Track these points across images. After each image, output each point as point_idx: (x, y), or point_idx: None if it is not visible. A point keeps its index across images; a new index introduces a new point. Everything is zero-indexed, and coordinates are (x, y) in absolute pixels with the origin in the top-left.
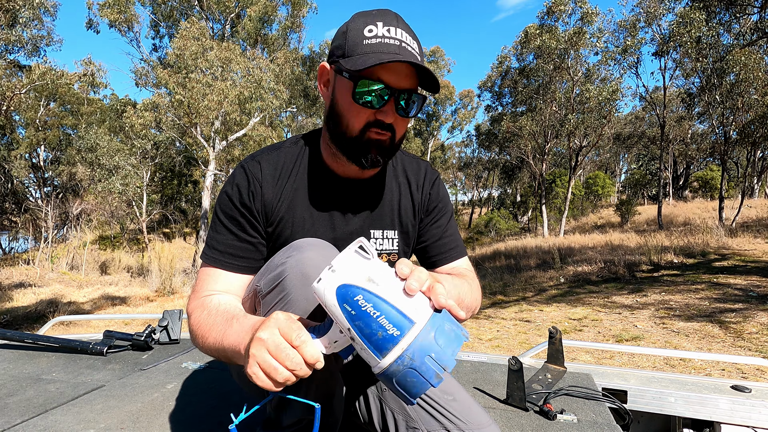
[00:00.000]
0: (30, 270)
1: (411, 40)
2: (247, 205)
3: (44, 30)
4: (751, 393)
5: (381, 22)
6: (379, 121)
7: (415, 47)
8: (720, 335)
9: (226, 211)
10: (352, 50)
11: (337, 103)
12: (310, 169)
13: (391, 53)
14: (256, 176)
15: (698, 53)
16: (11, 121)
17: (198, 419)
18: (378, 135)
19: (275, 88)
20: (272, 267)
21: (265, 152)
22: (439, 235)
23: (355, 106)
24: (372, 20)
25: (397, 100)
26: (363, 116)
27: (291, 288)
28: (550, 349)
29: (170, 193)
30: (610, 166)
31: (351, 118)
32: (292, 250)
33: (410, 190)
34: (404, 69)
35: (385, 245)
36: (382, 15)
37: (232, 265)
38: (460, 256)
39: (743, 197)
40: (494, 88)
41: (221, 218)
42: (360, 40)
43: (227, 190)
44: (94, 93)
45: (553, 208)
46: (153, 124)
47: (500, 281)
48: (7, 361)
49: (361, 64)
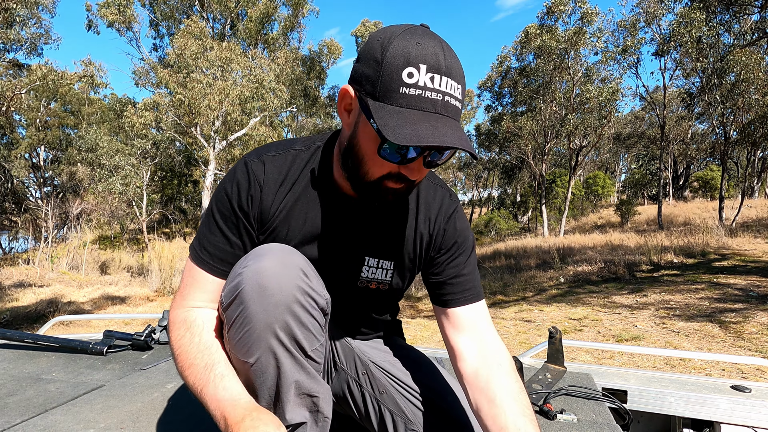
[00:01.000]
0: (30, 270)
1: (456, 86)
2: (244, 210)
3: (42, 28)
4: (751, 393)
5: (425, 65)
6: (401, 175)
7: (458, 94)
8: (720, 335)
9: (222, 210)
10: (385, 94)
11: (359, 146)
12: (316, 181)
13: (431, 114)
14: (258, 178)
15: (698, 53)
16: (12, 121)
17: (198, 419)
18: (396, 185)
19: (276, 88)
20: (232, 276)
21: (273, 151)
22: (455, 273)
23: (378, 158)
24: (415, 59)
25: (426, 159)
26: (385, 168)
27: (248, 301)
28: (550, 349)
29: (170, 193)
30: (610, 166)
31: (372, 167)
32: (250, 258)
33: (420, 222)
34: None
35: (377, 275)
36: (426, 50)
37: (219, 270)
38: (476, 300)
39: (743, 197)
40: (494, 88)
41: (216, 217)
42: (396, 85)
43: (226, 187)
44: (94, 93)
45: (553, 208)
46: (153, 124)
47: (500, 281)
48: (7, 361)
49: (393, 136)
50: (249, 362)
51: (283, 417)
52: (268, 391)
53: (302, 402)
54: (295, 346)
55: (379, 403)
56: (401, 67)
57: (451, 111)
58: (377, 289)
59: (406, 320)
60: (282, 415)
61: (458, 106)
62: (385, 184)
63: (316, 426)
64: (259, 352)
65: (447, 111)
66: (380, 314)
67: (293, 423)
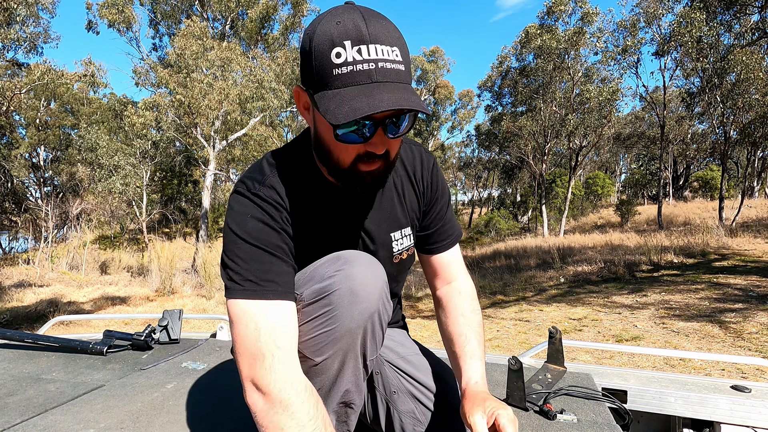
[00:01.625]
0: (30, 270)
1: (388, 49)
2: (286, 230)
3: (41, 27)
4: (751, 393)
5: (349, 41)
6: (369, 153)
7: (394, 56)
8: (720, 335)
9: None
10: (323, 82)
11: (322, 138)
12: (317, 188)
13: (366, 85)
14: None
15: (699, 53)
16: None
17: (198, 419)
18: (370, 166)
19: (276, 88)
20: (318, 277)
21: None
22: (440, 222)
23: (340, 144)
24: (338, 39)
25: (385, 127)
26: (352, 151)
27: (338, 304)
28: (550, 349)
29: (170, 192)
30: (610, 166)
31: (339, 154)
32: (341, 262)
33: (411, 182)
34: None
35: (404, 243)
36: (347, 25)
37: (279, 292)
38: (454, 244)
39: (743, 197)
40: (494, 88)
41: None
42: (329, 70)
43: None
44: (93, 93)
45: (553, 208)
46: (153, 124)
47: (500, 281)
48: (7, 361)
49: (333, 118)
50: (315, 361)
51: None
52: (319, 391)
53: (338, 410)
54: (362, 354)
55: (388, 403)
56: (328, 50)
57: (390, 75)
58: (406, 258)
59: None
60: None
61: (397, 68)
62: (360, 168)
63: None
64: (330, 353)
65: (384, 77)
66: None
67: None
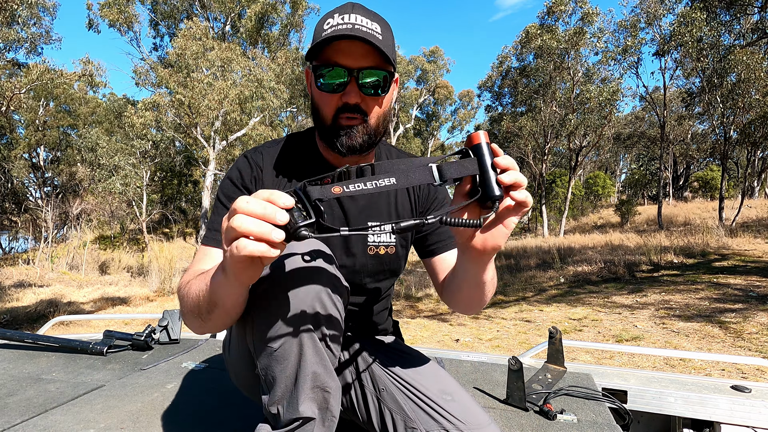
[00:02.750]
0: (30, 270)
1: (368, 21)
2: (248, 188)
3: (42, 29)
4: (751, 393)
5: (337, 13)
6: (346, 105)
7: (373, 27)
8: (720, 335)
9: (227, 193)
10: (314, 47)
11: (313, 96)
12: (309, 162)
13: (342, 32)
14: (258, 163)
15: (699, 53)
16: (11, 121)
17: (198, 419)
18: (348, 120)
19: (275, 88)
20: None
21: (267, 145)
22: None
23: (321, 94)
24: (332, 14)
25: (358, 79)
26: (332, 103)
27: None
28: (550, 349)
29: (170, 193)
30: (610, 166)
31: (323, 106)
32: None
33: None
34: (360, 49)
35: (382, 237)
36: (341, 7)
37: (219, 240)
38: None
39: (743, 197)
40: (494, 88)
41: (222, 200)
42: (319, 33)
43: (229, 174)
44: (93, 92)
45: (553, 208)
46: (153, 124)
47: (500, 281)
48: (7, 361)
49: (309, 50)
50: (273, 347)
51: (296, 409)
52: (286, 380)
53: (315, 396)
54: (319, 335)
55: (379, 401)
56: (322, 22)
57: (362, 33)
58: (386, 254)
59: (407, 320)
60: (295, 407)
61: (373, 32)
62: (340, 122)
63: (323, 425)
64: (285, 337)
65: (358, 33)
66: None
67: (304, 416)
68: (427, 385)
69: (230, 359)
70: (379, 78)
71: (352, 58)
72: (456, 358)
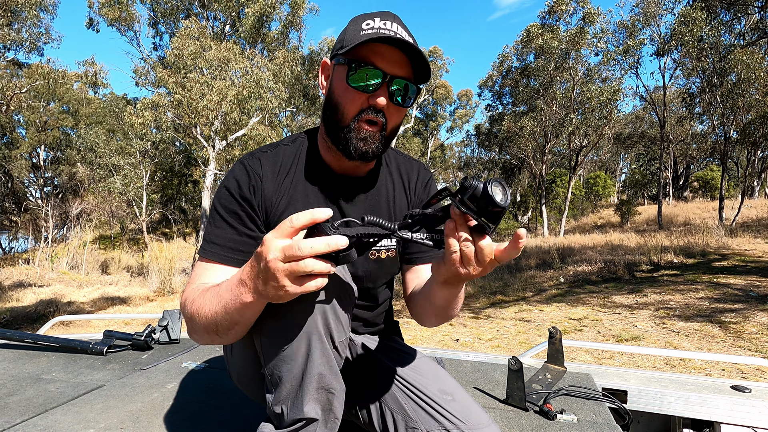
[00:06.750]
0: (30, 270)
1: (407, 35)
2: (247, 199)
3: (42, 28)
4: (750, 393)
5: (378, 18)
6: (372, 107)
7: (412, 39)
8: (720, 335)
9: (225, 204)
10: (350, 41)
11: (334, 92)
12: (308, 165)
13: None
14: (257, 171)
15: (699, 53)
16: (12, 121)
17: (198, 419)
18: (369, 126)
19: (274, 88)
20: None
21: (264, 150)
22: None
23: (349, 90)
24: (371, 17)
25: (390, 85)
26: (357, 101)
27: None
28: (550, 349)
29: (170, 193)
30: (610, 166)
31: (346, 103)
32: None
33: (404, 189)
34: (397, 57)
35: (383, 242)
36: (381, 14)
37: (230, 258)
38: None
39: (743, 197)
40: (494, 87)
41: (220, 212)
42: (357, 33)
43: (226, 184)
44: (94, 93)
45: (553, 208)
46: (153, 124)
47: (500, 281)
48: (7, 361)
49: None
50: (281, 347)
51: (300, 409)
52: (292, 380)
53: (319, 397)
54: (327, 336)
55: (380, 402)
56: (361, 22)
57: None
58: (387, 258)
59: (406, 320)
60: (299, 407)
61: (410, 41)
62: (360, 126)
63: (325, 427)
64: (294, 337)
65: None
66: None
67: (307, 417)
68: (427, 384)
69: (232, 359)
70: (409, 90)
71: (390, 63)
72: (456, 358)
